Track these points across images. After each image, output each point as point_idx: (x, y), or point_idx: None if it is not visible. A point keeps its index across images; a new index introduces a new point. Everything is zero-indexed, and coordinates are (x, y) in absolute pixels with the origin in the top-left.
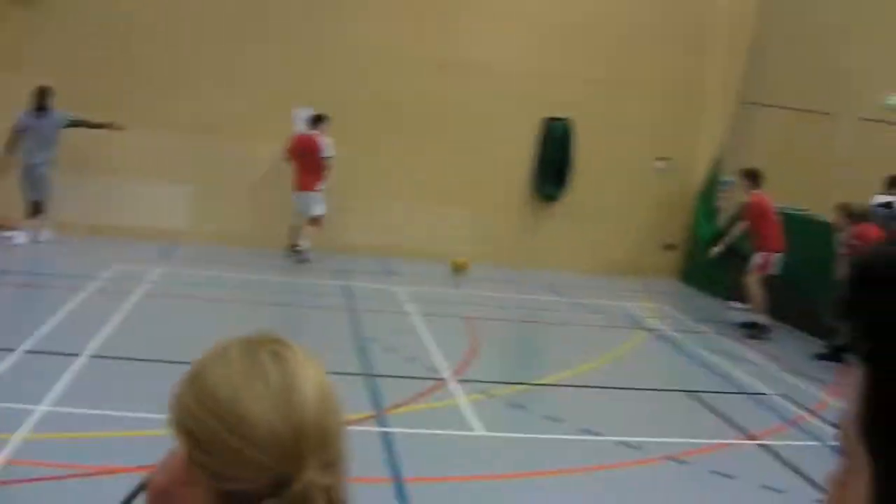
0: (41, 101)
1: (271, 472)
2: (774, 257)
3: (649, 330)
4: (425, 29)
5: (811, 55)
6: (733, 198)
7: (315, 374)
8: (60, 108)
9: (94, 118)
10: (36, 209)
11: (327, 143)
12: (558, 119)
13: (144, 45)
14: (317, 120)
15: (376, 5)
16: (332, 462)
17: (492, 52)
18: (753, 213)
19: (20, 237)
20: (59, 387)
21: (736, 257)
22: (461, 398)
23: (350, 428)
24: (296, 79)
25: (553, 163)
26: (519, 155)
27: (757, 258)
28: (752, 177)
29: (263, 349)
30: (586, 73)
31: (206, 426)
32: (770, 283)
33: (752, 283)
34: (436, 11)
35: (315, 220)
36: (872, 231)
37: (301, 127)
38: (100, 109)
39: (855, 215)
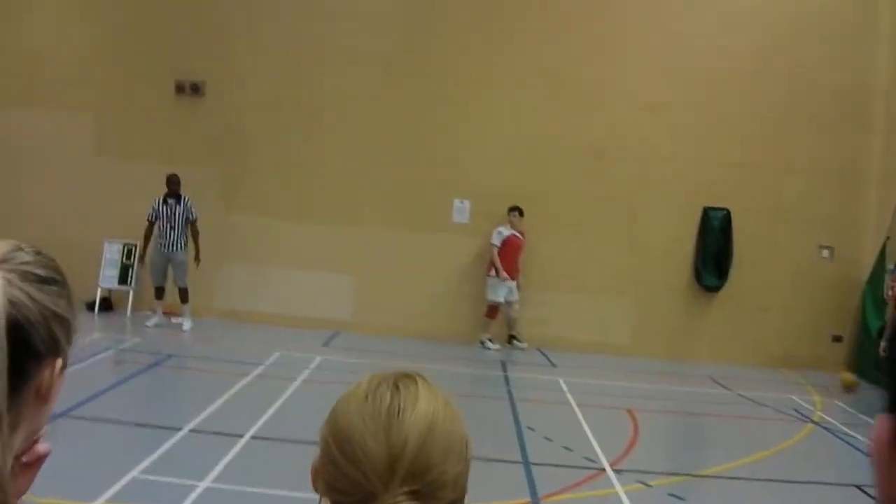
0: (174, 189)
1: (362, 489)
2: None
3: (816, 423)
4: (582, 118)
5: None
6: None
7: (428, 407)
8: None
9: (200, 241)
10: (182, 297)
11: (497, 231)
12: (718, 209)
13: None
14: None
15: (529, 95)
16: (426, 493)
17: (649, 139)
18: None
19: (187, 324)
20: (220, 465)
21: None
22: (619, 488)
23: None
24: (453, 171)
25: (713, 253)
26: (679, 245)
27: None
28: None
29: (390, 380)
30: (744, 158)
31: (327, 441)
32: None
33: None
34: (591, 100)
35: (489, 310)
36: None
37: (459, 218)
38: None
39: None
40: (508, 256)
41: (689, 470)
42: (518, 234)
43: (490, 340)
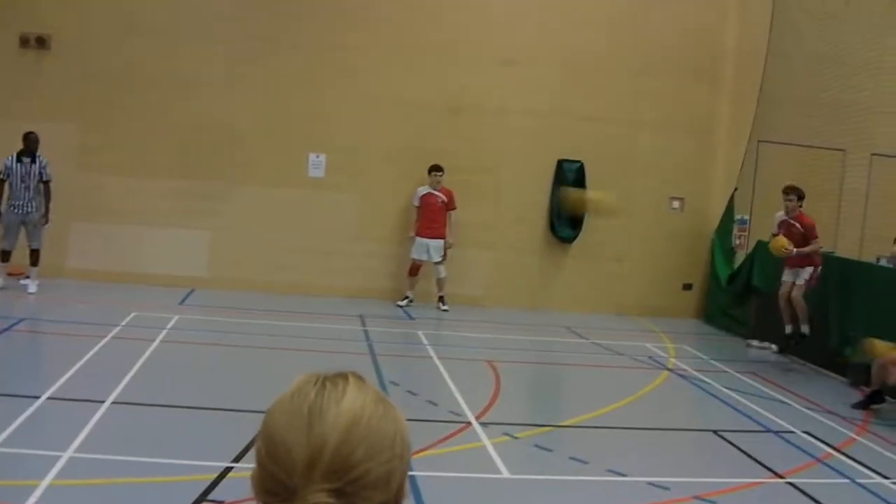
0: (31, 147)
1: (285, 487)
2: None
3: (671, 370)
4: (437, 76)
5: (822, 92)
6: (748, 235)
7: (353, 404)
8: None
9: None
10: (34, 259)
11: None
12: (572, 161)
13: (151, 94)
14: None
15: (386, 53)
16: (350, 492)
17: (504, 96)
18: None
19: (32, 286)
20: (83, 433)
21: (754, 294)
22: (486, 441)
23: None
24: (309, 127)
25: None
26: (534, 198)
27: (810, 272)
28: (803, 194)
29: (319, 379)
30: (597, 113)
31: (257, 442)
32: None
33: (800, 297)
34: (447, 58)
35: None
36: None
37: (315, 172)
38: (111, 156)
39: None
40: (426, 215)
41: (553, 420)
42: (436, 193)
43: (406, 298)
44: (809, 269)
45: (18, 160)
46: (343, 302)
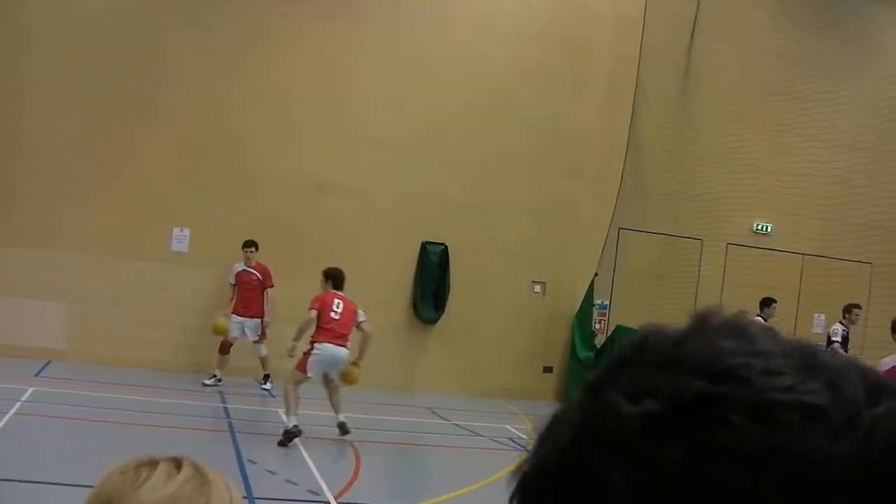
0: None
1: None
2: None
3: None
4: (305, 153)
5: (679, 183)
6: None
7: (152, 497)
8: None
9: None
10: None
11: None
12: (436, 243)
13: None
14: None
15: (253, 126)
16: None
17: (370, 174)
18: None
19: None
20: None
21: None
22: None
23: None
24: (168, 198)
25: (431, 286)
26: (398, 278)
27: None
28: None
29: (131, 467)
30: (462, 196)
31: None
32: None
33: None
34: (312, 134)
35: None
36: None
37: (178, 247)
38: None
39: None
40: (242, 293)
41: (412, 500)
42: (251, 270)
43: (214, 377)
44: None
45: None
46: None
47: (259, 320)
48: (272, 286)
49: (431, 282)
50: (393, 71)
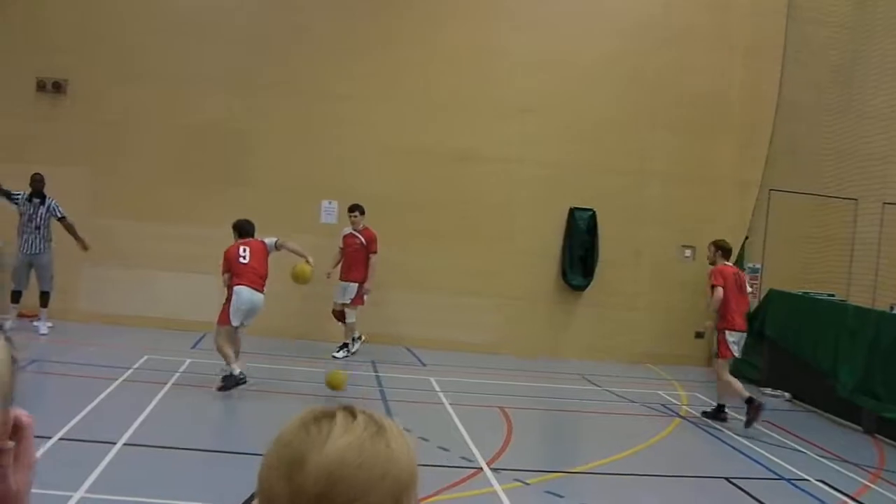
0: (38, 188)
1: None
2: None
3: (683, 417)
4: (448, 124)
5: (833, 141)
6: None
7: (333, 452)
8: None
9: (78, 230)
10: (43, 301)
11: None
12: (584, 209)
13: (160, 139)
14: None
15: (398, 101)
16: None
17: (518, 144)
18: None
19: (44, 327)
20: (93, 475)
21: (766, 342)
22: (497, 487)
23: None
24: (321, 174)
25: (580, 252)
26: (547, 246)
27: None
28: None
29: (308, 419)
30: (609, 161)
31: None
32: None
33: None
34: (458, 107)
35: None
36: None
37: (327, 218)
38: (122, 200)
39: None
40: (345, 256)
41: (565, 467)
42: (356, 233)
43: (344, 346)
44: None
45: (29, 200)
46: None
47: (356, 284)
48: (375, 252)
49: (580, 248)
50: (536, 37)
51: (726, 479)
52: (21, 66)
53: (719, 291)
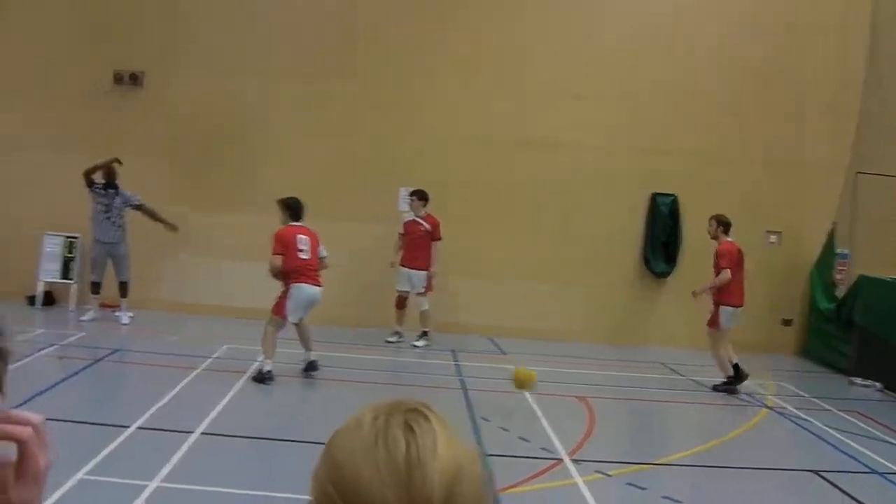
0: (111, 179)
1: None
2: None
3: (770, 408)
4: (525, 111)
5: None
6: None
7: (450, 452)
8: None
9: (160, 212)
10: (122, 291)
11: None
12: (666, 195)
13: (237, 130)
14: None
15: (474, 88)
16: None
17: (596, 128)
18: None
19: (125, 317)
20: (170, 463)
21: (857, 330)
22: (578, 478)
23: None
24: (394, 162)
25: (662, 239)
26: (628, 232)
27: None
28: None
29: (397, 417)
30: (691, 145)
31: (326, 491)
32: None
33: None
34: (535, 93)
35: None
36: None
37: (405, 206)
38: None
39: None
40: (409, 244)
41: (648, 458)
42: (419, 220)
43: (396, 333)
44: None
45: (104, 190)
46: (437, 337)
47: (424, 272)
48: (440, 239)
49: (662, 234)
50: (614, 23)
51: (815, 472)
52: (99, 59)
53: (727, 274)
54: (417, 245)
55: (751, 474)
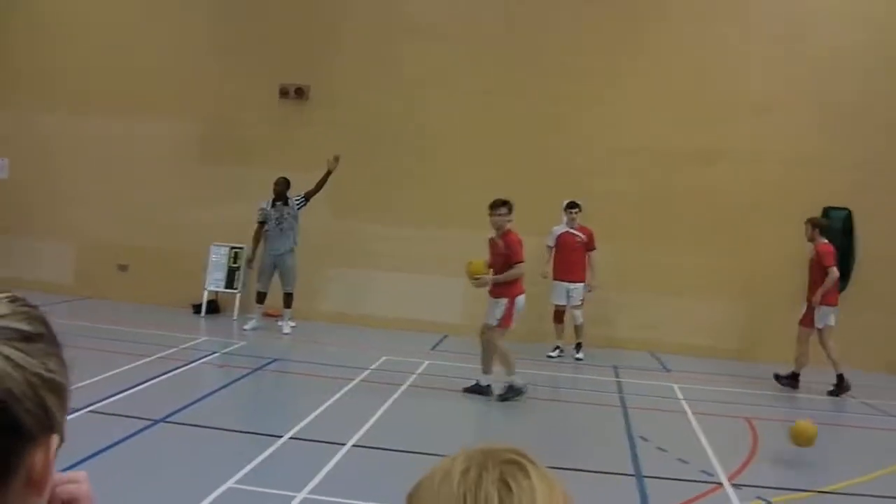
0: (280, 192)
1: None
2: None
3: None
4: (685, 123)
5: None
6: None
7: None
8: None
9: (318, 181)
10: (287, 302)
11: (551, 231)
12: (838, 209)
13: (401, 143)
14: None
15: (639, 102)
16: None
17: (763, 140)
18: None
19: (287, 327)
20: (320, 475)
21: None
22: None
23: None
24: (561, 175)
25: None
26: (796, 246)
27: None
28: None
29: (492, 472)
30: (864, 157)
31: None
32: None
33: None
34: (698, 104)
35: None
36: None
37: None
38: (364, 203)
39: None
40: (564, 256)
41: (813, 485)
42: (574, 232)
43: (557, 348)
44: None
45: (273, 205)
46: (599, 353)
47: (581, 285)
48: (594, 249)
49: (836, 250)
50: (771, 30)
51: None
52: (265, 74)
53: (836, 271)
54: (573, 257)
55: None
